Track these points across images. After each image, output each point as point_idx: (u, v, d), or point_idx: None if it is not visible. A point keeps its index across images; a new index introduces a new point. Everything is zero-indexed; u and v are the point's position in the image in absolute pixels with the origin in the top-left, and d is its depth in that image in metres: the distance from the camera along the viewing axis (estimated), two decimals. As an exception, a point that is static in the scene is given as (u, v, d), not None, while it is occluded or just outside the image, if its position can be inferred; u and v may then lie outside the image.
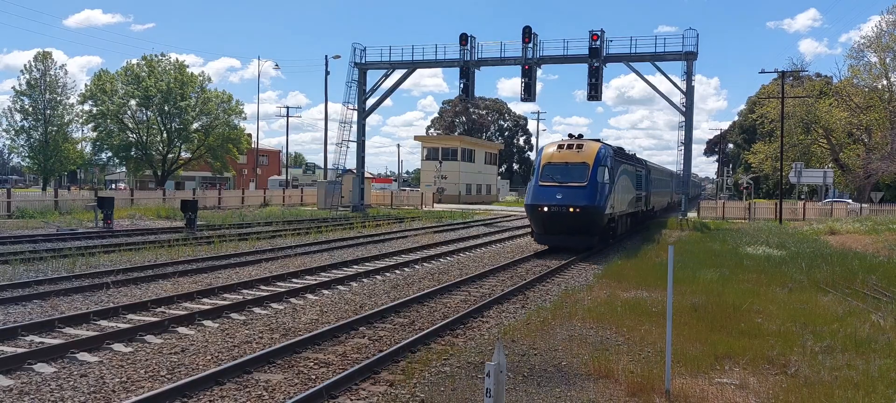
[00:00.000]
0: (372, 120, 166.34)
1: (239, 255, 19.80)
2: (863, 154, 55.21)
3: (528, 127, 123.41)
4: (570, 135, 25.10)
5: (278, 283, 15.34)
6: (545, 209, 22.30)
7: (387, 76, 46.28)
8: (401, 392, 7.81)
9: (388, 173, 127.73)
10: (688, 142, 41.03)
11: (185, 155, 69.01)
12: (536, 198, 22.65)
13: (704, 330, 10.66)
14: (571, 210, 21.95)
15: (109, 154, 66.86)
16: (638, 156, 34.23)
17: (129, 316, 11.53)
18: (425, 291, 14.40)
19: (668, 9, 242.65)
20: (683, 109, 40.21)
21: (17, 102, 63.97)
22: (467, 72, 42.56)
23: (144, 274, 15.57)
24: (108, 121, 62.74)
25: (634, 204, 29.98)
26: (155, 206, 40.19)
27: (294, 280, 15.88)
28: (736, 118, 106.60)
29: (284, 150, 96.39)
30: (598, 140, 24.78)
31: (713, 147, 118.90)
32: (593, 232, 22.74)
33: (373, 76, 47.32)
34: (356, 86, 46.30)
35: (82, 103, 64.17)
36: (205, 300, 13.16)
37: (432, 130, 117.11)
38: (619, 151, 27.47)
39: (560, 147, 23.74)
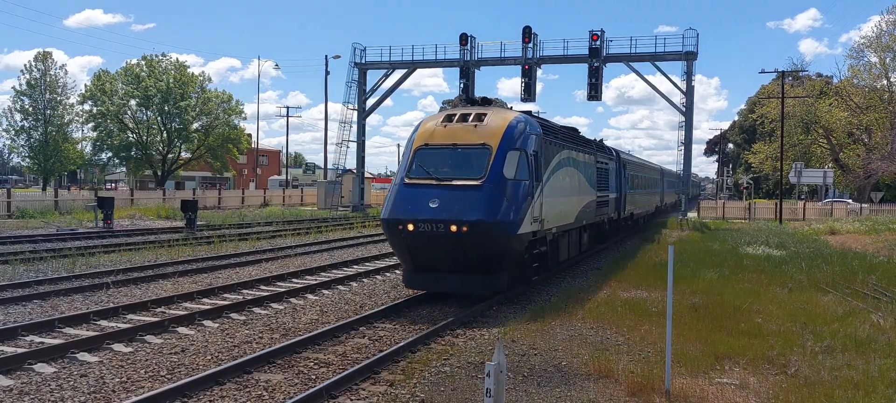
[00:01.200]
0: (372, 120, 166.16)
1: (239, 255, 19.80)
2: (863, 154, 55.20)
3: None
4: (468, 98, 15.33)
5: (278, 283, 15.34)
6: (410, 228, 12.58)
7: (387, 76, 46.33)
8: (401, 392, 7.81)
9: (388, 173, 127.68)
10: (688, 142, 41.04)
11: (185, 155, 69.05)
12: (396, 208, 13.02)
13: (704, 329, 10.67)
14: (455, 229, 12.26)
15: (109, 154, 66.90)
16: (605, 143, 25.73)
17: (129, 316, 11.53)
18: (425, 290, 14.37)
19: (668, 9, 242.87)
20: (683, 109, 40.22)
21: (17, 102, 64.02)
22: (467, 72, 42.56)
23: (144, 274, 15.58)
24: (108, 121, 62.76)
25: (593, 212, 20.15)
26: (155, 206, 40.18)
27: (294, 280, 15.88)
28: (736, 118, 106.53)
29: (284, 150, 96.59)
30: (524, 111, 15.84)
31: (713, 147, 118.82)
32: (498, 267, 12.99)
33: (373, 76, 47.41)
34: (356, 86, 46.31)
35: (82, 103, 64.25)
36: (205, 300, 13.16)
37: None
38: (563, 131, 18.12)
39: (448, 119, 14.08)
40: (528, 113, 15.79)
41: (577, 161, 18.29)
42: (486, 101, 15.33)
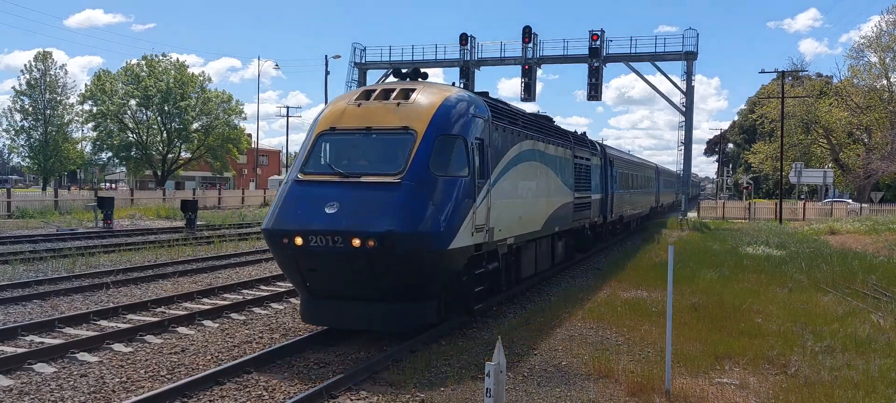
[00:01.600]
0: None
1: (239, 255, 19.80)
2: (863, 154, 55.21)
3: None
4: (398, 73, 11.77)
5: (278, 283, 15.32)
6: (298, 242, 9.28)
7: (387, 76, 46.32)
8: (401, 392, 7.81)
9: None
10: (688, 142, 41.07)
11: (185, 155, 69.12)
12: (282, 215, 9.67)
13: (704, 329, 10.66)
14: (358, 243, 9.00)
15: (109, 154, 66.98)
16: (589, 137, 21.98)
17: (129, 316, 11.53)
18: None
19: (668, 9, 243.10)
20: (683, 109, 40.24)
21: (17, 102, 64.20)
22: (467, 72, 42.56)
23: (144, 274, 15.58)
24: (108, 121, 62.87)
25: (570, 216, 17.23)
26: (155, 206, 40.20)
27: (294, 280, 15.85)
28: (736, 118, 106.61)
29: (284, 150, 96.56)
30: (479, 92, 12.21)
31: (713, 147, 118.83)
32: (422, 294, 9.80)
33: (373, 76, 47.39)
34: (356, 86, 46.34)
35: (82, 103, 64.41)
36: (205, 300, 13.15)
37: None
38: (525, 116, 14.78)
39: (365, 96, 10.65)
40: (485, 94, 12.39)
41: (546, 154, 15.03)
42: (417, 76, 11.46)
